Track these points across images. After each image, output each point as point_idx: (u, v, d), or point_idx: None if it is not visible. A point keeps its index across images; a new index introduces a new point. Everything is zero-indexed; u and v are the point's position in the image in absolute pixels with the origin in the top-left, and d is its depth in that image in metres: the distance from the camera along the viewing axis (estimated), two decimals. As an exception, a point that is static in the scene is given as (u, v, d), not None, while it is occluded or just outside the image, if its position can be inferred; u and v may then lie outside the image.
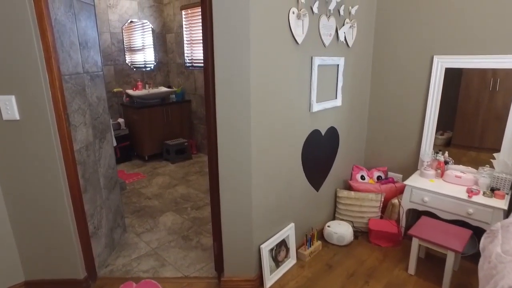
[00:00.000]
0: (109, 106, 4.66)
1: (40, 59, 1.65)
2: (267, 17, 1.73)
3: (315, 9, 2.03)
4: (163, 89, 4.97)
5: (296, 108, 2.10)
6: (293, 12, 1.87)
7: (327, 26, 2.17)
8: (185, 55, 4.79)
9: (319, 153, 2.43)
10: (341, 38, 2.34)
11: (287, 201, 2.22)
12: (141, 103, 4.61)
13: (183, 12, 4.63)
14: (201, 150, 4.96)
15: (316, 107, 2.22)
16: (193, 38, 4.61)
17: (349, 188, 2.85)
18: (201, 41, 4.59)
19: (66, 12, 1.88)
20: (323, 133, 2.41)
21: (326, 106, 2.33)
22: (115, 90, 4.62)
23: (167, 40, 5.06)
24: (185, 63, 4.82)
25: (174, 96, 4.91)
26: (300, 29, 1.95)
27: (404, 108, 2.75)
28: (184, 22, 4.67)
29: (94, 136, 2.20)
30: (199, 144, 4.97)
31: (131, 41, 4.75)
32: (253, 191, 1.91)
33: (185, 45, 4.75)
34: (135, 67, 4.83)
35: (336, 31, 2.28)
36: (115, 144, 3.10)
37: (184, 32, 4.70)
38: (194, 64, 4.71)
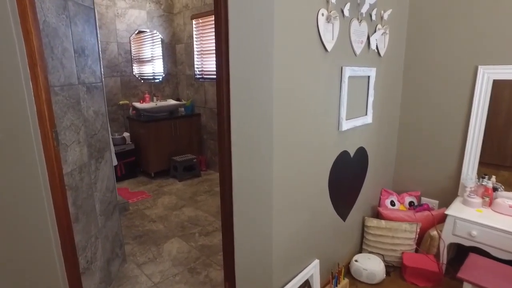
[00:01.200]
0: (115, 119, 4.42)
1: (22, 66, 1.39)
2: (293, 20, 1.45)
3: (346, 12, 1.74)
4: (171, 102, 4.72)
5: (324, 126, 1.79)
6: (323, 14, 1.58)
7: (358, 31, 1.88)
8: (195, 66, 4.54)
9: (347, 177, 2.11)
10: (373, 46, 2.04)
11: (312, 234, 1.90)
12: (148, 116, 4.36)
13: (194, 22, 4.40)
14: (210, 167, 4.67)
15: (346, 125, 1.92)
16: (203, 49, 4.37)
17: (377, 215, 2.51)
18: (213, 52, 4.36)
19: (59, 14, 1.62)
20: (352, 155, 2.10)
21: (356, 124, 2.02)
22: (121, 102, 4.38)
23: (176, 50, 4.84)
24: (195, 74, 4.57)
25: (183, 109, 4.65)
26: (329, 35, 1.66)
27: (441, 124, 2.42)
28: (194, 32, 4.44)
29: (90, 156, 1.92)
30: (208, 160, 4.68)
31: (139, 51, 4.53)
32: (274, 223, 1.60)
33: (195, 56, 4.52)
34: (142, 79, 4.60)
35: (368, 38, 1.99)
36: (115, 163, 2.83)
37: (195, 43, 4.47)
38: (205, 76, 4.46)
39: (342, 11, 1.73)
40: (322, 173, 1.87)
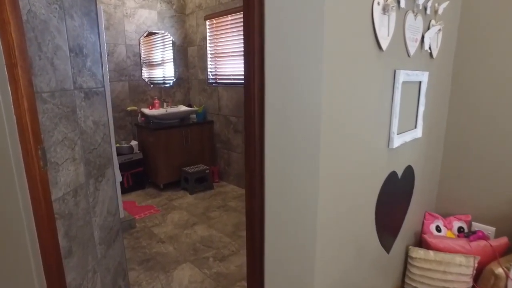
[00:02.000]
0: (122, 127, 4.13)
1: (-2, 67, 1.08)
2: (346, 12, 1.12)
3: (403, 2, 1.40)
4: (182, 108, 4.42)
5: (372, 144, 1.45)
6: (379, 3, 1.25)
7: (413, 27, 1.54)
8: (209, 70, 4.24)
9: (394, 202, 1.76)
10: (426, 46, 1.70)
11: (356, 273, 1.55)
12: (158, 123, 4.06)
13: (208, 23, 4.10)
14: (224, 178, 4.34)
15: (397, 141, 1.57)
16: (218, 51, 4.07)
17: (422, 244, 2.15)
18: (228, 55, 4.10)
19: (50, 4, 1.32)
20: (399, 175, 1.75)
21: (405, 139, 1.67)
22: (129, 108, 4.09)
23: (188, 53, 4.55)
24: (208, 79, 4.27)
25: (194, 116, 4.34)
26: (385, 30, 1.32)
27: (496, 139, 2.06)
28: (208, 34, 4.14)
29: (88, 175, 1.61)
30: (222, 171, 4.35)
31: (149, 54, 4.25)
32: (316, 264, 1.25)
33: (208, 59, 4.21)
34: (152, 83, 4.31)
35: (422, 35, 1.64)
36: (120, 179, 2.52)
37: (208, 45, 4.17)
38: (219, 80, 4.15)
39: (398, 1, 1.39)
40: (369, 200, 1.53)
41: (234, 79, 3.91)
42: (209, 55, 4.20)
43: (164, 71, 4.42)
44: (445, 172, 2.33)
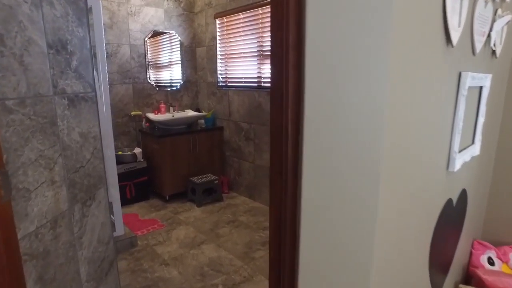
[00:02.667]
0: (125, 133, 3.84)
1: None
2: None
3: (474, -16, 1.08)
4: (190, 113, 4.13)
5: (431, 166, 1.12)
6: (451, -18, 0.93)
7: (482, 17, 1.21)
8: (218, 72, 3.94)
9: (447, 234, 1.43)
10: (492, 42, 1.37)
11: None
12: (163, 129, 3.76)
13: (218, 21, 3.81)
14: (234, 189, 4.03)
15: (458, 161, 1.24)
16: (228, 52, 3.76)
17: (469, 280, 1.81)
18: (239, 56, 3.80)
19: (19, -15, 1.02)
20: (454, 203, 1.41)
21: (465, 159, 1.34)
22: (133, 113, 3.81)
23: (197, 54, 4.25)
24: (218, 82, 3.97)
25: (203, 121, 4.04)
26: (457, 18, 1.00)
27: None
28: (218, 33, 3.84)
29: (72, 199, 1.31)
30: (231, 181, 4.04)
31: (155, 55, 3.97)
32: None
33: (218, 61, 3.91)
34: (158, 86, 4.03)
35: (490, 28, 1.32)
36: (117, 198, 2.23)
37: (218, 45, 3.87)
38: (229, 83, 3.84)
39: (469, -18, 1.07)
40: (425, 233, 1.20)
41: (246, 82, 3.60)
42: (219, 56, 3.90)
43: (171, 73, 4.14)
44: (495, 192, 1.99)
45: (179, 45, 4.10)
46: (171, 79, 4.14)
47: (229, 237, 2.92)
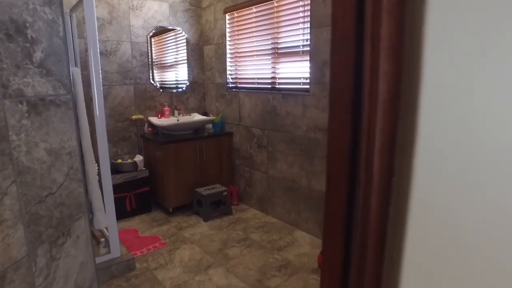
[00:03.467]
0: (126, 138, 3.51)
1: None
2: None
3: None
4: (197, 117, 3.78)
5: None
6: None
7: None
8: (228, 72, 3.59)
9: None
10: None
11: None
12: (167, 135, 3.42)
13: (227, 16, 3.46)
14: (244, 200, 3.67)
15: None
16: (239, 50, 3.41)
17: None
18: (251, 54, 3.45)
19: None
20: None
21: None
22: (134, 117, 3.47)
23: (204, 53, 3.91)
24: (227, 83, 3.62)
25: (211, 126, 3.69)
26: None
27: None
28: (228, 30, 3.49)
29: (34, 241, 0.96)
30: (241, 192, 3.68)
31: (159, 54, 3.63)
32: None
33: (228, 60, 3.57)
34: (162, 88, 3.69)
35: None
36: (102, 226, 1.89)
37: (228, 43, 3.52)
38: (239, 85, 3.49)
39: None
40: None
41: (258, 83, 3.25)
42: (228, 55, 3.55)
43: (176, 73, 3.80)
44: None
45: (185, 43, 3.76)
46: (176, 80, 3.80)
47: (240, 260, 2.56)
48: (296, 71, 2.83)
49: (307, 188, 2.85)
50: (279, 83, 3.01)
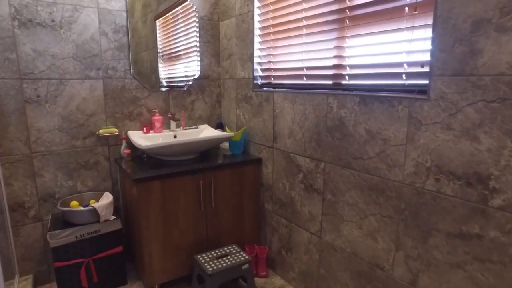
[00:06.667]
0: (91, 165, 2.19)
1: None
2: None
3: None
4: (206, 131, 2.42)
5: None
6: None
7: None
8: (256, 61, 2.20)
9: None
10: None
11: None
12: (157, 161, 2.08)
13: (258, -33, 2.07)
14: (277, 268, 2.25)
15: None
16: (276, 22, 2.01)
17: None
18: (296, 28, 1.63)
19: None
20: None
21: None
22: (101, 131, 2.14)
23: (221, 32, 2.54)
24: (255, 78, 2.22)
25: (227, 147, 2.32)
26: None
27: None
28: (257, -10, 2.11)
29: None
30: (273, 254, 2.27)
31: (145, 30, 2.29)
32: None
33: (256, 41, 2.18)
34: (151, 85, 2.35)
35: None
36: None
37: (257, 12, 2.13)
38: (275, 80, 2.08)
39: None
40: None
41: (310, 77, 1.83)
42: (257, 32, 2.16)
43: (176, 63, 2.45)
44: None
45: (192, 17, 2.41)
46: (174, 74, 2.45)
47: None
48: (393, 50, 1.39)
49: (405, 285, 1.40)
50: (352, 76, 1.58)
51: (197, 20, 2.42)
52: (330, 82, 1.70)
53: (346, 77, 1.60)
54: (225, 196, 2.14)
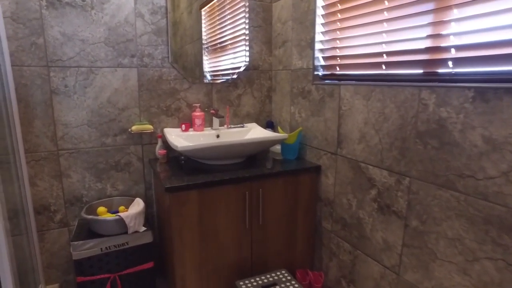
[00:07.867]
0: (122, 166, 1.93)
1: None
2: None
3: None
4: (255, 130, 2.07)
5: None
6: None
7: None
8: (317, 47, 1.80)
9: None
10: None
11: None
12: (195, 165, 1.76)
13: None
14: (334, 302, 1.85)
15: None
16: (344, 2, 1.59)
17: None
18: (373, 3, 1.32)
19: None
20: None
21: None
22: (134, 127, 1.86)
23: (273, 16, 2.17)
24: (316, 68, 1.82)
25: (279, 150, 1.95)
26: None
27: None
28: (323, -42, 1.70)
29: None
30: (331, 283, 1.86)
31: (190, 21, 1.98)
32: None
33: (317, 23, 1.77)
34: (192, 76, 2.04)
35: None
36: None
37: (321, -15, 1.74)
38: (342, 70, 1.67)
39: None
40: None
41: (391, 64, 1.40)
42: (320, 12, 1.76)
43: (221, 52, 2.12)
44: None
45: (244, 1, 2.07)
46: (220, 66, 2.12)
47: None
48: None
49: None
50: (459, 61, 1.13)
51: (247, 2, 2.06)
52: (421, 71, 1.26)
53: (449, 63, 1.16)
54: (276, 211, 1.77)
